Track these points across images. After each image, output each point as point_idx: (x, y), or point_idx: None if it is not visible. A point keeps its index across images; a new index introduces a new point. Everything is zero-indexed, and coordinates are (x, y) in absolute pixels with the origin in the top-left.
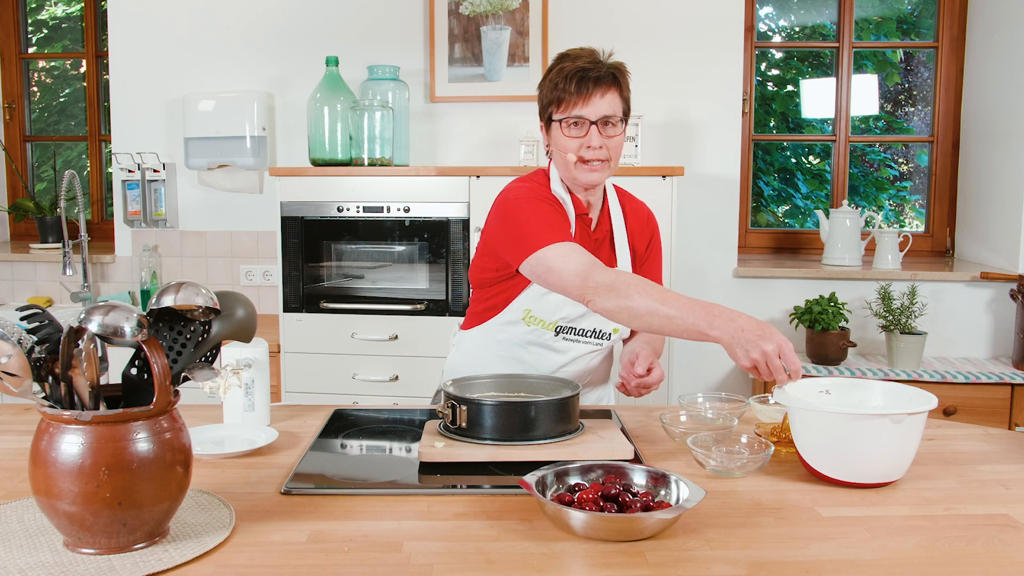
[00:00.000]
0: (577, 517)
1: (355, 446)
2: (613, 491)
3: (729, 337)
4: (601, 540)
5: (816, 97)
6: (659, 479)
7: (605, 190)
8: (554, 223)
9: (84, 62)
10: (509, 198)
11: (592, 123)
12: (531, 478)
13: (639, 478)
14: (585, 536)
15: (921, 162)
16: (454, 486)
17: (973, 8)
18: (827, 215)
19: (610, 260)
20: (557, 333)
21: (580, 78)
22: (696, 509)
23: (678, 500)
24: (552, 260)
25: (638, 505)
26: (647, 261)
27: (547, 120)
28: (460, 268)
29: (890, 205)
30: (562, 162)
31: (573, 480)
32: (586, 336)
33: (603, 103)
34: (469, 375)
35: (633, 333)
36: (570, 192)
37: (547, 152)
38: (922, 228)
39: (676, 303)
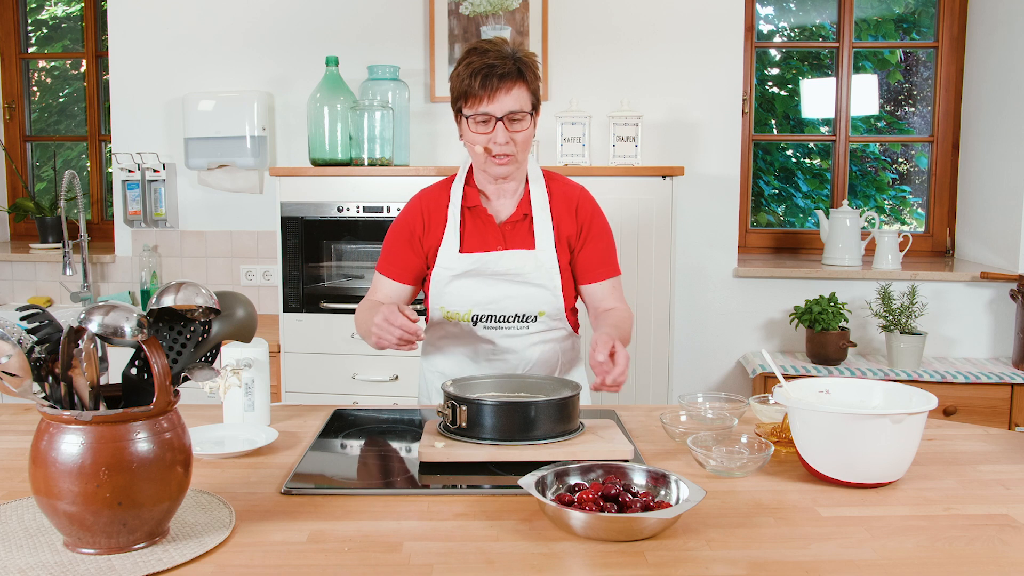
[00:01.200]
0: (577, 517)
1: (355, 446)
2: (613, 491)
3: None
4: (601, 540)
5: (816, 97)
6: (659, 479)
7: (527, 178)
8: (391, 255)
9: (84, 62)
10: (403, 209)
11: (498, 119)
12: (531, 478)
13: (639, 478)
14: (585, 536)
15: (921, 162)
16: (454, 486)
17: (973, 8)
18: (827, 215)
19: (525, 243)
20: (475, 323)
21: (485, 75)
22: (696, 509)
23: (678, 500)
24: (374, 279)
25: (638, 505)
26: (586, 244)
27: (457, 112)
28: None
29: (889, 206)
30: (472, 154)
31: (573, 480)
32: (508, 322)
33: (508, 99)
34: (469, 375)
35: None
36: (469, 184)
37: (461, 140)
38: (922, 228)
39: (365, 315)
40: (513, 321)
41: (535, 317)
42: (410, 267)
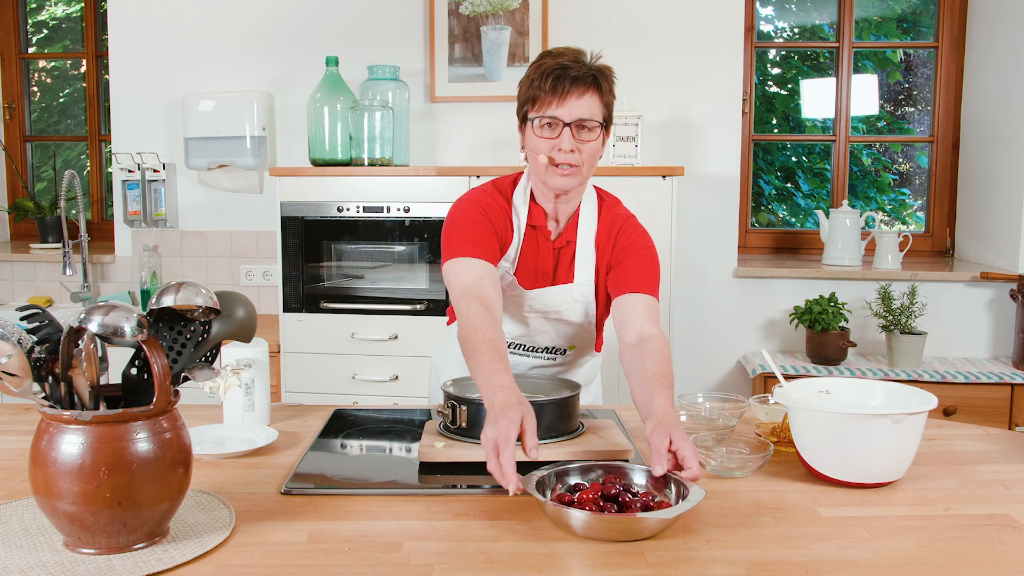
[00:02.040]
0: (577, 517)
1: (355, 446)
2: (613, 491)
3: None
4: (601, 540)
5: (816, 97)
6: (659, 479)
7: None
8: (473, 237)
9: (84, 62)
10: (457, 203)
11: (566, 125)
12: (531, 478)
13: (639, 478)
14: (585, 536)
15: (921, 163)
16: (454, 486)
17: (973, 8)
18: (827, 215)
19: (567, 273)
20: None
21: (557, 76)
22: (696, 509)
23: (678, 500)
24: (450, 274)
25: (638, 505)
26: (623, 260)
27: (523, 118)
28: None
29: (889, 208)
30: (534, 164)
31: (573, 480)
32: (536, 352)
33: (579, 105)
34: (469, 375)
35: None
36: (533, 201)
37: (522, 152)
38: (922, 229)
39: (477, 359)
40: (541, 352)
41: (564, 350)
42: (493, 248)
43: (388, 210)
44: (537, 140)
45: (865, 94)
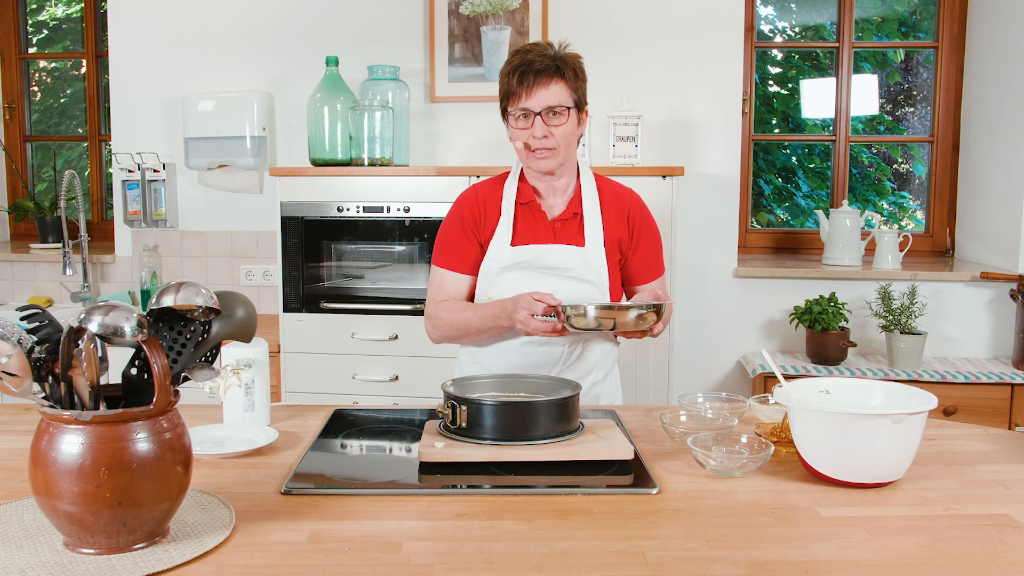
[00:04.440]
0: (590, 311)
1: (355, 446)
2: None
3: (510, 323)
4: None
5: (816, 97)
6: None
7: (579, 176)
8: (448, 246)
9: (84, 62)
10: (454, 203)
11: (536, 114)
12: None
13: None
14: (596, 328)
15: (921, 163)
16: (454, 486)
17: (973, 8)
18: (827, 215)
19: (575, 240)
20: None
21: (523, 71)
22: (696, 509)
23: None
24: (431, 276)
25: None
26: (638, 248)
27: (503, 112)
28: None
29: (888, 211)
30: (517, 151)
31: None
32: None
33: (547, 94)
34: (469, 375)
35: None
36: (525, 182)
37: (511, 142)
38: (922, 229)
39: (468, 313)
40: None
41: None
42: (468, 256)
43: (388, 210)
44: (515, 131)
45: (865, 94)
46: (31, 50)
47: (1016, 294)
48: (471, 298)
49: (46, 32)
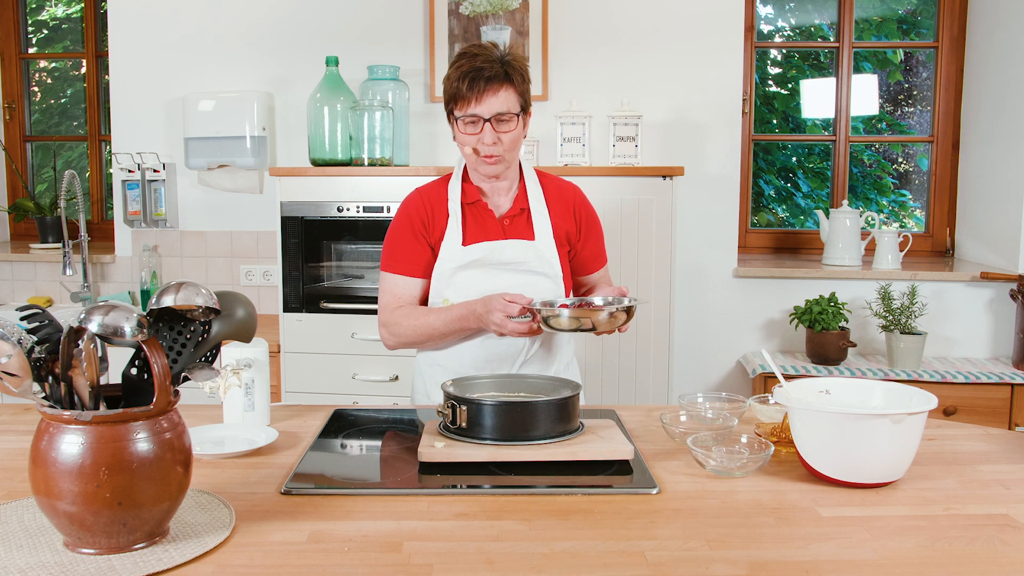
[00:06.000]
0: (563, 313)
1: (355, 446)
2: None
3: (480, 324)
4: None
5: (816, 97)
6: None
7: (522, 174)
8: (398, 251)
9: (84, 62)
10: (398, 210)
11: (485, 120)
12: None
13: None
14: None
15: (921, 163)
16: (454, 486)
17: (973, 8)
18: (827, 215)
19: (525, 235)
20: None
21: (473, 78)
22: (696, 509)
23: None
24: (382, 283)
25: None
26: (587, 242)
27: (449, 113)
28: None
29: (889, 210)
30: (464, 155)
31: None
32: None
33: (496, 101)
34: (470, 375)
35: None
36: (469, 182)
37: (454, 141)
38: (922, 229)
39: (429, 317)
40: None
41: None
42: (420, 260)
43: (388, 210)
44: (463, 135)
45: (865, 94)
46: (31, 50)
47: (1016, 294)
48: (424, 301)
49: (46, 32)
